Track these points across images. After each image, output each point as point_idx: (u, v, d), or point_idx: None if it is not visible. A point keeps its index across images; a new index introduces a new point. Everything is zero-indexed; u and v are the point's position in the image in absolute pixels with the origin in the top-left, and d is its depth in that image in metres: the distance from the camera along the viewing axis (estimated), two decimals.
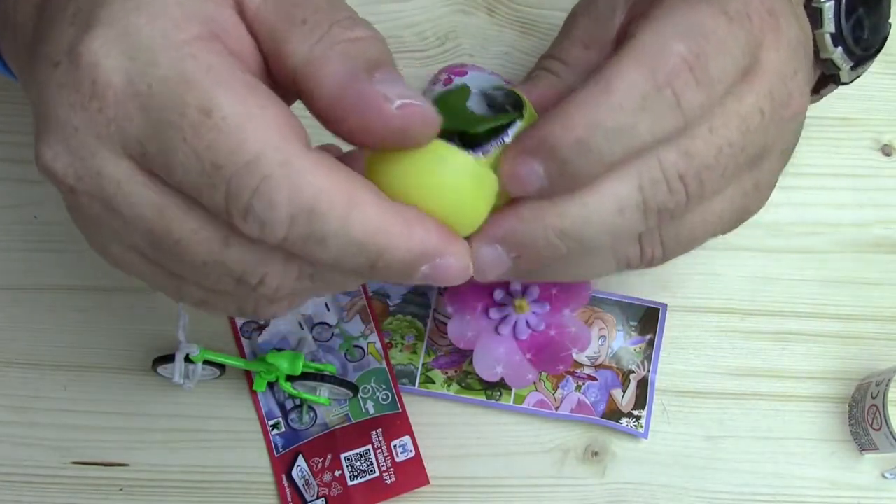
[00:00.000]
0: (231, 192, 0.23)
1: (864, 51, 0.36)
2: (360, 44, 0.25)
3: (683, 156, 0.26)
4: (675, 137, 0.26)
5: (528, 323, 0.42)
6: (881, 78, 0.50)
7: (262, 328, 0.45)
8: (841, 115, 0.49)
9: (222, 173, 0.23)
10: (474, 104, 0.30)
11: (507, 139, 0.27)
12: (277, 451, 0.44)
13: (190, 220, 0.25)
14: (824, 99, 0.49)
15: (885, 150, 0.49)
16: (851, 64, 0.37)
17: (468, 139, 0.27)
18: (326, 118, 0.25)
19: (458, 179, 0.26)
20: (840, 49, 0.36)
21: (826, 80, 0.39)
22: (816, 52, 0.36)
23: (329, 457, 0.43)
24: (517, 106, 0.29)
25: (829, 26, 0.35)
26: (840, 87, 0.50)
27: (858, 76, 0.39)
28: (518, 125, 0.28)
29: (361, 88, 0.24)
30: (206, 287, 0.27)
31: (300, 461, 0.44)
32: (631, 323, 0.46)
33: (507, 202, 0.27)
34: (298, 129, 0.25)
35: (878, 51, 0.38)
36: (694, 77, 0.25)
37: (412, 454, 0.44)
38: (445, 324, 0.43)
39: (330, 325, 0.45)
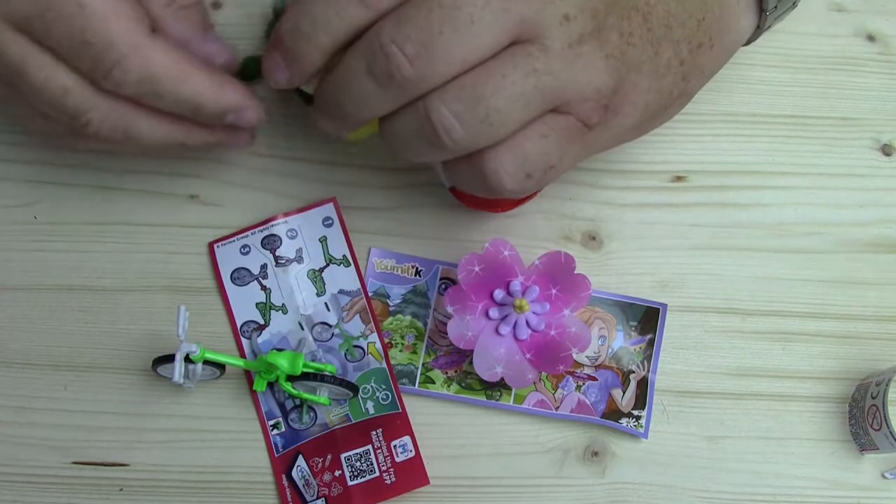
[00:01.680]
0: (97, 61, 0.35)
1: None
2: (192, 10, 0.39)
3: (394, 22, 0.31)
4: (390, 13, 0.32)
5: (528, 323, 0.42)
6: (881, 78, 0.50)
7: (262, 328, 0.45)
8: (841, 115, 0.49)
9: (92, 49, 0.34)
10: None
11: None
12: (277, 451, 0.44)
13: (43, 70, 0.35)
14: (824, 99, 0.49)
15: (885, 150, 0.49)
16: None
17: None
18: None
19: None
20: None
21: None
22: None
23: (329, 457, 0.43)
24: None
25: None
26: (840, 88, 0.50)
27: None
28: None
29: (199, 45, 0.39)
30: (48, 117, 0.38)
31: (300, 461, 0.44)
32: (631, 323, 0.46)
33: None
34: (145, 19, 0.36)
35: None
36: None
37: (412, 454, 0.44)
38: (445, 324, 0.43)
39: (330, 325, 0.45)
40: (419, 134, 0.34)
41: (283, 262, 0.46)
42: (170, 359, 0.41)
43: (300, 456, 0.44)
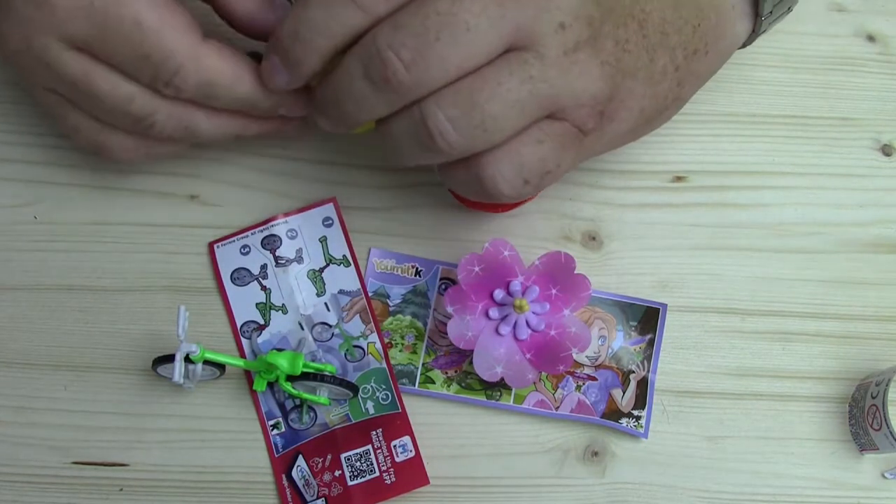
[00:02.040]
0: (157, 72, 0.36)
1: None
2: None
3: (392, 28, 0.32)
4: (387, 19, 0.32)
5: (528, 323, 0.42)
6: (881, 78, 0.50)
7: (262, 328, 0.45)
8: (841, 115, 0.49)
9: (151, 61, 0.36)
10: None
11: None
12: (277, 451, 0.44)
13: (109, 81, 0.37)
14: (824, 99, 0.49)
15: (885, 150, 0.49)
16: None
17: None
18: (232, 22, 0.39)
19: None
20: None
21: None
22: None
23: (329, 457, 0.43)
24: None
25: None
26: (840, 88, 0.50)
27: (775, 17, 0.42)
28: None
29: (267, 14, 0.39)
30: (107, 123, 0.40)
31: (300, 461, 0.44)
32: (631, 323, 0.46)
33: None
34: (196, 27, 0.37)
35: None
36: None
37: (412, 454, 0.44)
38: (445, 324, 0.43)
39: (330, 325, 0.45)
40: (415, 138, 0.34)
41: (283, 262, 0.46)
42: (170, 359, 0.41)
43: (300, 456, 0.44)
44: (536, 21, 0.32)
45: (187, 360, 0.41)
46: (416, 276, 0.46)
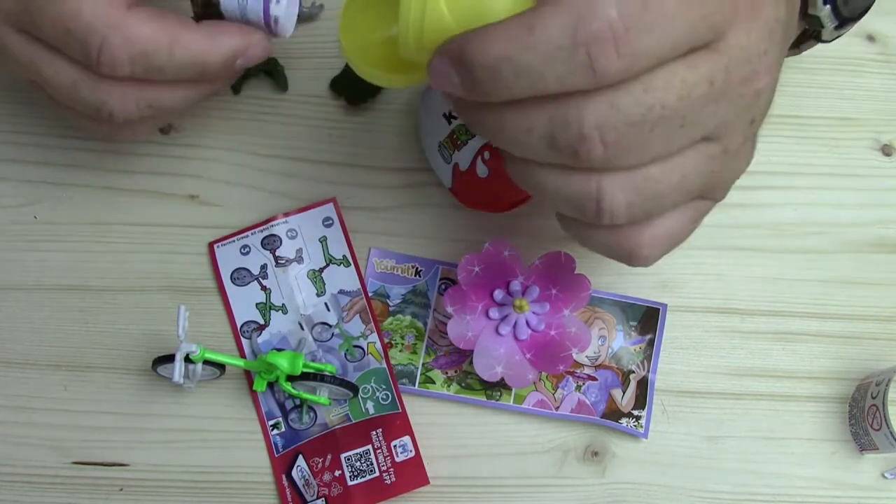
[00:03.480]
0: (83, 48, 0.34)
1: (849, 13, 0.38)
2: None
3: (608, 107, 0.27)
4: (605, 90, 0.27)
5: (528, 323, 0.42)
6: (881, 78, 0.50)
7: (262, 328, 0.45)
8: (841, 115, 0.49)
9: (74, 36, 0.34)
10: None
11: None
12: (277, 451, 0.44)
13: (51, 66, 0.36)
14: (824, 99, 0.49)
15: (885, 150, 0.49)
16: (836, 23, 0.38)
17: None
18: None
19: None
20: (828, 8, 0.37)
21: (807, 35, 0.41)
22: (805, 7, 0.37)
23: (329, 457, 0.43)
24: None
25: None
26: (840, 88, 0.50)
27: (839, 36, 0.40)
28: None
29: None
30: (78, 113, 0.38)
31: (300, 461, 0.44)
32: (631, 323, 0.46)
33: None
34: None
35: (863, 14, 0.39)
36: (615, 47, 0.26)
37: (412, 454, 0.44)
38: (445, 324, 0.43)
39: (330, 325, 0.45)
40: (576, 202, 0.31)
41: (283, 262, 0.46)
42: (170, 359, 0.41)
43: (300, 456, 0.44)
44: (737, 117, 0.31)
45: (187, 360, 0.41)
46: (416, 276, 0.46)
